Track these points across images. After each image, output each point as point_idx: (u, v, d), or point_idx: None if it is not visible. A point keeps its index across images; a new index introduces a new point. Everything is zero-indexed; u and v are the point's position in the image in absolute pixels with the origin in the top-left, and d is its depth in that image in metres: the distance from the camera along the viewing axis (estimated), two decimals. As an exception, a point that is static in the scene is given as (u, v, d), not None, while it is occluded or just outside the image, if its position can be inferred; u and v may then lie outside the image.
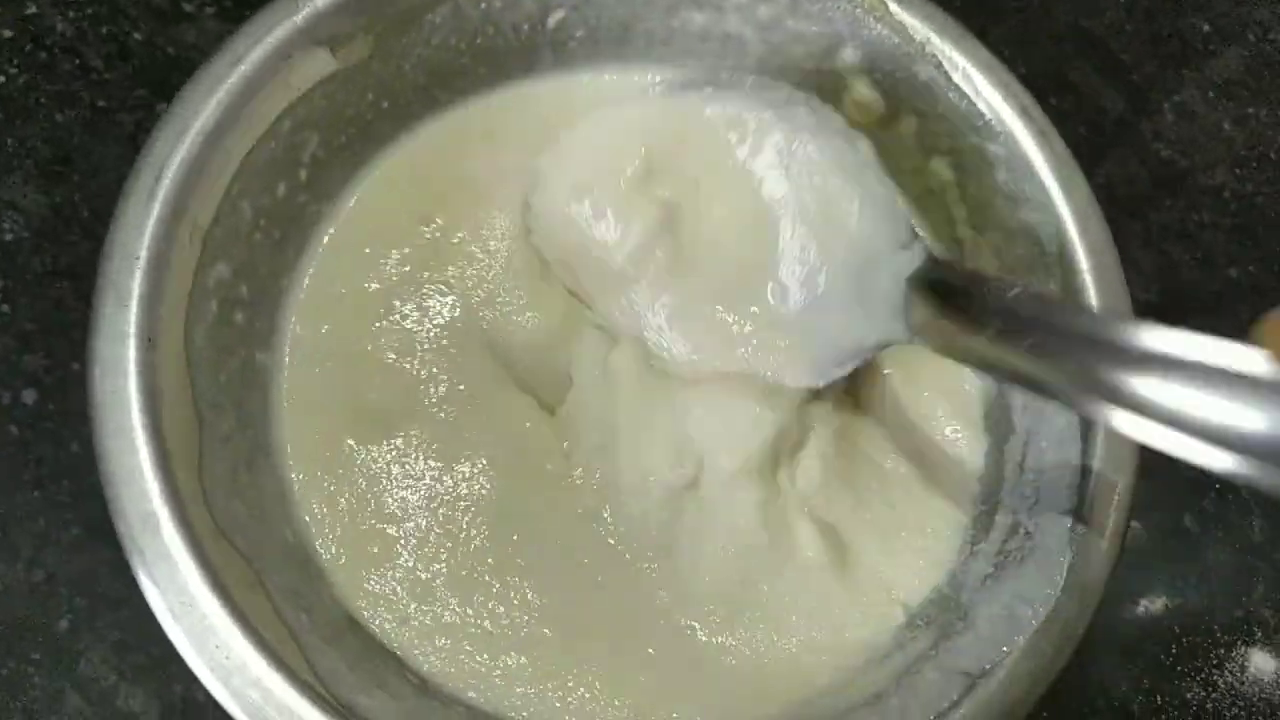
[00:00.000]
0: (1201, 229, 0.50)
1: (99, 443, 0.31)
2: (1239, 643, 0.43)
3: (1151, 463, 0.42)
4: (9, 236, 0.43)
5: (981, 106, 0.40)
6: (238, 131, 0.36)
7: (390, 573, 0.37)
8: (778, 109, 0.38)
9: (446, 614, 0.36)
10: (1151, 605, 0.44)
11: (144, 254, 0.33)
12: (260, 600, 0.33)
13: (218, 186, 0.36)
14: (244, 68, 0.36)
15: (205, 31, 0.47)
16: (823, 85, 0.42)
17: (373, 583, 0.36)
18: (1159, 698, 0.42)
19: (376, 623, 0.36)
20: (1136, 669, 0.43)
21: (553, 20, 0.42)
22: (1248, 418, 0.24)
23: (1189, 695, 0.43)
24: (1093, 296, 0.37)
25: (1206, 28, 0.54)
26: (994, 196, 0.40)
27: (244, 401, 0.37)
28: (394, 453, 0.38)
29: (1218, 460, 0.25)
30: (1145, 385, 0.26)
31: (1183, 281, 0.49)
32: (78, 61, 0.46)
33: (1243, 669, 0.43)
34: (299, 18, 0.37)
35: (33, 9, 0.47)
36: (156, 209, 0.34)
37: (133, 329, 0.33)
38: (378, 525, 0.37)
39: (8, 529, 0.39)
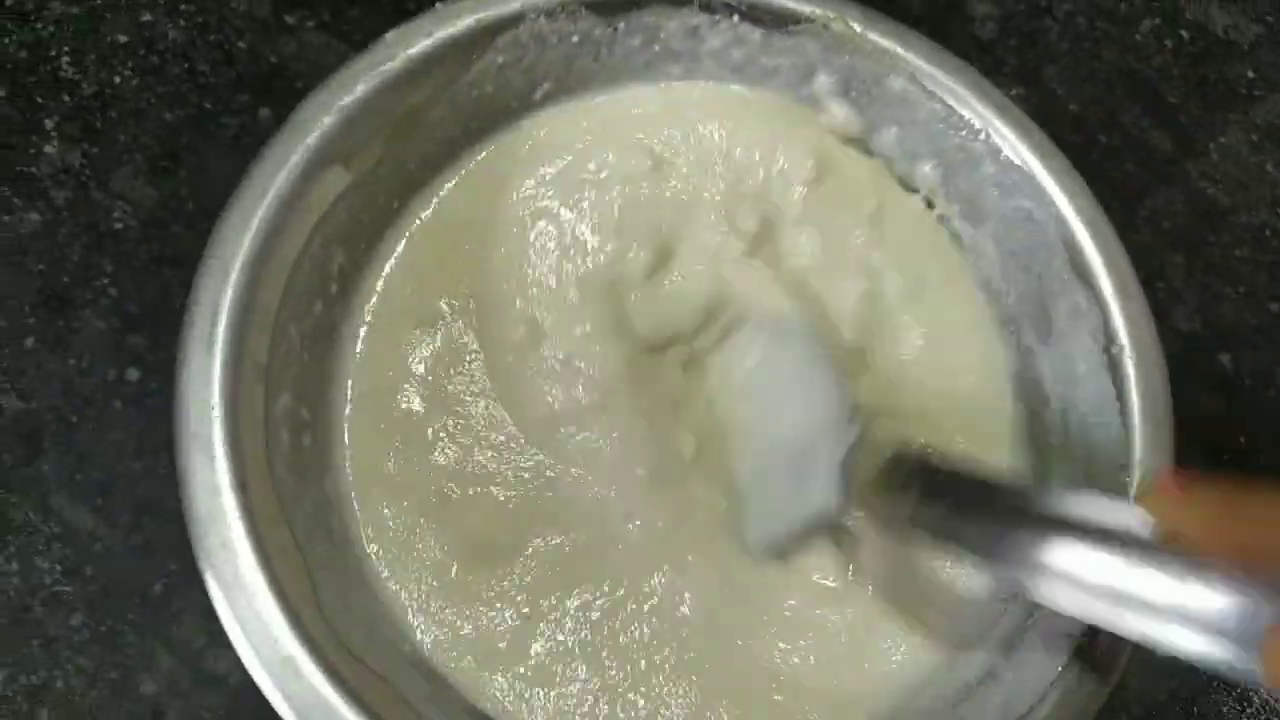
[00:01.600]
0: (1243, 265, 0.52)
1: (226, 610, 0.33)
2: (1274, 659, 0.45)
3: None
4: (119, 225, 0.46)
5: (960, 109, 0.42)
6: (274, 262, 0.37)
7: (518, 670, 0.37)
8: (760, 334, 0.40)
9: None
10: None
11: (217, 402, 0.34)
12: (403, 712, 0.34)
13: (267, 320, 0.37)
14: (269, 199, 0.37)
15: (305, 43, 0.50)
16: (798, 111, 0.45)
17: (498, 683, 0.37)
18: (1195, 710, 0.44)
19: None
20: (1174, 681, 0.44)
21: (539, 93, 0.44)
22: (1130, 579, 0.27)
23: (1224, 709, 0.44)
24: (1101, 270, 0.40)
25: (1251, 74, 0.56)
26: (986, 187, 0.43)
27: (330, 525, 0.38)
28: (504, 582, 0.38)
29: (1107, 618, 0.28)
30: (1039, 547, 0.30)
31: (1225, 314, 0.51)
32: (186, 66, 0.49)
33: (1277, 685, 0.45)
34: (311, 139, 0.38)
35: (147, 17, 0.50)
36: (219, 354, 0.35)
37: (226, 479, 0.34)
38: (497, 627, 0.38)
39: (111, 496, 0.42)
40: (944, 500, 0.34)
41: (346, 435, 0.40)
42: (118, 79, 0.49)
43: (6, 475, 0.42)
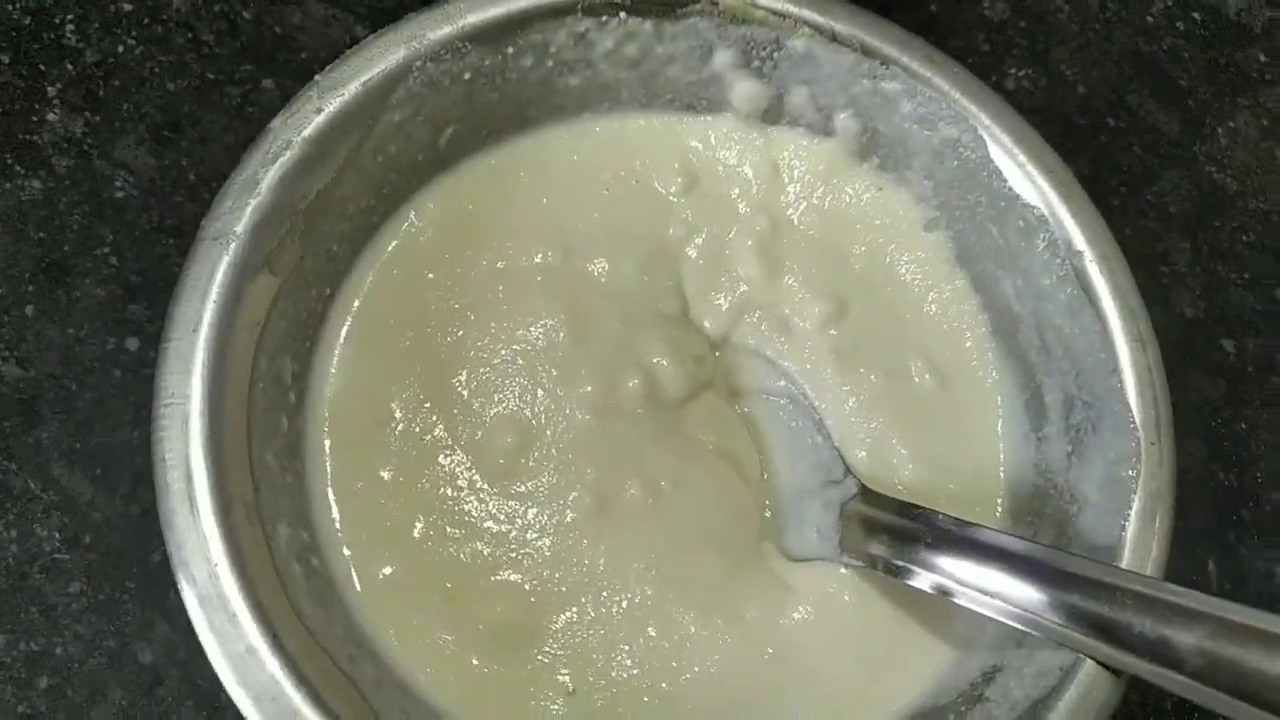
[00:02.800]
0: (1250, 251, 0.52)
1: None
2: None
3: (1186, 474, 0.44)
4: (120, 194, 0.46)
5: (864, 52, 0.42)
6: (230, 393, 0.35)
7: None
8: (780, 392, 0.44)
9: None
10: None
11: (221, 559, 0.33)
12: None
13: (240, 455, 0.35)
14: (204, 331, 0.35)
15: (309, 14, 0.50)
16: (705, 94, 0.45)
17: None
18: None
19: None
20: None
21: (443, 138, 0.43)
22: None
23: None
24: (1040, 177, 0.41)
25: (1263, 58, 0.56)
26: (907, 126, 0.43)
27: (359, 641, 0.37)
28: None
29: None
30: (1048, 597, 0.33)
31: (1230, 300, 0.51)
32: (190, 35, 0.49)
33: None
34: (229, 252, 0.36)
35: (150, -16, 0.50)
36: (204, 510, 0.33)
37: (262, 646, 0.33)
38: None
39: (110, 465, 0.42)
40: (951, 553, 0.36)
41: (345, 548, 0.38)
42: (121, 47, 0.48)
43: (6, 443, 0.42)
